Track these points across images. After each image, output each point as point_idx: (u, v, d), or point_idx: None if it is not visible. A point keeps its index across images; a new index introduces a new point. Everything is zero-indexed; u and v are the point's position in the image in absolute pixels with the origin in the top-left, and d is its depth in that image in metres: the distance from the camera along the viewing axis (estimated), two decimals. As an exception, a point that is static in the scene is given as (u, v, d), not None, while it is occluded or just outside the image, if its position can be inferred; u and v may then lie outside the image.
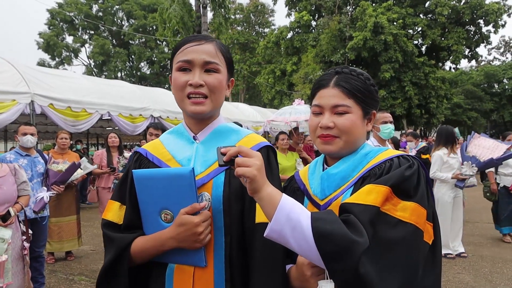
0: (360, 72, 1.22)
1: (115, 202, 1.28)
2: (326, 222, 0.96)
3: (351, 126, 1.17)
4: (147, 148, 1.32)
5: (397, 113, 21.47)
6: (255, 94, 35.42)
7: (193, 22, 16.53)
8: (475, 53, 25.92)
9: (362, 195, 1.04)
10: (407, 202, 1.04)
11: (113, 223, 1.24)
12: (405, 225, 1.02)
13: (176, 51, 1.24)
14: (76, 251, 5.74)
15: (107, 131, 8.40)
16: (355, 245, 0.93)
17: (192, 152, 1.25)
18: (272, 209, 0.99)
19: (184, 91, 1.20)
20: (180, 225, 1.12)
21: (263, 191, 1.01)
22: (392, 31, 20.72)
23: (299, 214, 0.98)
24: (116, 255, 1.17)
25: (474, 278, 4.65)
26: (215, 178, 1.19)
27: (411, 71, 22.10)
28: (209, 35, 1.23)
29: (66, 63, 32.96)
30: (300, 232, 0.96)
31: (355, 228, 0.96)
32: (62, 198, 5.18)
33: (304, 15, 24.35)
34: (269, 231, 0.99)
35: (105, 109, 7.62)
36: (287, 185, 1.40)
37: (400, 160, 1.13)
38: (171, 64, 1.27)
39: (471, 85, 32.59)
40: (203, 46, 1.20)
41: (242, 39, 33.63)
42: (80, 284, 4.56)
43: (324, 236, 0.94)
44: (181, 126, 1.33)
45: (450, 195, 5.44)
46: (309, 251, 0.97)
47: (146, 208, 1.19)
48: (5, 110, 5.88)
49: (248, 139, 1.28)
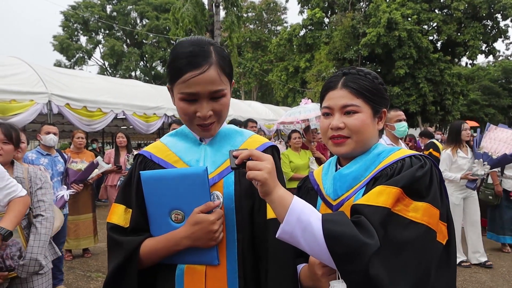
0: (367, 72, 1.22)
1: (120, 205, 1.26)
2: (336, 224, 0.97)
3: (361, 125, 1.17)
4: (150, 150, 1.31)
5: (411, 110, 21.17)
6: (267, 92, 35.39)
7: (205, 21, 16.60)
8: (493, 48, 25.35)
9: (373, 196, 1.05)
10: (418, 203, 1.04)
11: (120, 227, 1.22)
12: (417, 225, 1.02)
13: (175, 77, 1.16)
14: (92, 248, 5.86)
15: (122, 130, 8.52)
16: (365, 247, 0.94)
17: (200, 153, 1.27)
18: (283, 211, 1.01)
19: (192, 120, 1.19)
20: (195, 224, 1.13)
21: (274, 193, 1.03)
22: (406, 27, 20.42)
23: (310, 215, 1.00)
24: (125, 259, 1.15)
25: (491, 278, 4.57)
26: (225, 178, 1.22)
27: (426, 67, 21.75)
28: (204, 42, 1.18)
29: (80, 64, 33.52)
30: (311, 234, 0.98)
31: (366, 230, 0.97)
32: (79, 196, 5.28)
33: (316, 12, 24.20)
34: (281, 232, 1.02)
35: (120, 108, 7.73)
36: (301, 185, 1.41)
37: (412, 160, 1.13)
38: (171, 83, 1.20)
39: (488, 81, 31.93)
40: (206, 74, 1.13)
41: (254, 37, 33.61)
42: (97, 281, 4.65)
43: (334, 237, 0.95)
44: (185, 128, 1.32)
45: (458, 196, 4.91)
46: (320, 252, 0.98)
47: (154, 209, 1.19)
48: (24, 110, 6.02)
49: (252, 139, 1.32)
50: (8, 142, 2.43)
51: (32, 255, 2.26)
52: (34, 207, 2.44)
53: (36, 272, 2.31)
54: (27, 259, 2.24)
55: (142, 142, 22.04)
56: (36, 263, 2.27)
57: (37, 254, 2.28)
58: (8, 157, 2.46)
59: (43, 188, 2.51)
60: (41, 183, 2.51)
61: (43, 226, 2.38)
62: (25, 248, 2.30)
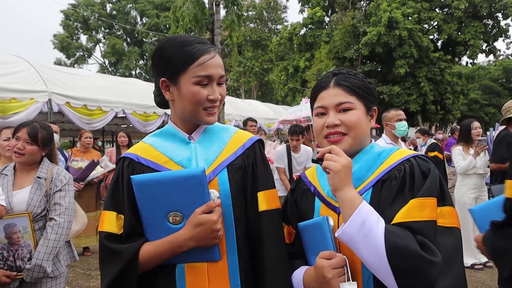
0: (356, 72, 1.25)
1: (110, 212, 1.22)
2: (400, 237, 0.98)
3: (357, 121, 1.18)
4: (136, 152, 1.28)
5: (411, 109, 21.18)
6: (267, 91, 35.39)
7: (206, 19, 16.59)
8: (493, 48, 25.35)
9: (415, 211, 1.04)
10: (443, 207, 1.07)
11: (113, 234, 1.19)
12: (451, 230, 1.06)
13: (189, 60, 1.18)
14: (93, 247, 5.86)
15: (122, 129, 8.54)
16: (431, 266, 0.96)
17: (190, 152, 1.26)
18: (350, 212, 1.03)
19: (203, 104, 1.21)
20: (198, 225, 1.13)
21: (345, 192, 1.06)
22: (407, 26, 20.42)
23: (374, 223, 1.00)
24: (124, 268, 1.13)
25: (491, 277, 4.57)
26: (219, 175, 1.23)
27: (426, 66, 21.76)
28: (205, 39, 1.24)
29: (80, 63, 33.52)
30: (372, 242, 0.98)
31: (428, 248, 0.98)
32: (82, 195, 5.29)
33: (317, 11, 24.18)
34: (342, 233, 1.03)
35: (120, 107, 7.73)
36: (294, 188, 1.37)
37: (418, 162, 1.13)
38: (179, 72, 1.19)
39: (489, 80, 31.93)
40: (216, 59, 1.21)
41: (254, 36, 33.59)
42: (97, 279, 4.66)
43: (397, 250, 0.96)
44: (170, 128, 1.31)
45: (470, 196, 4.83)
46: (377, 262, 0.98)
47: (149, 213, 1.17)
48: (24, 108, 6.03)
49: (239, 134, 1.35)
50: (31, 142, 2.33)
51: (37, 261, 2.18)
52: (50, 210, 2.33)
53: (41, 278, 2.24)
54: (32, 264, 2.18)
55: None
56: (41, 269, 2.19)
57: (42, 260, 2.19)
58: (32, 157, 2.36)
59: (63, 190, 2.37)
60: (61, 185, 2.37)
61: (54, 232, 2.26)
62: (34, 251, 2.23)
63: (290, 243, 1.28)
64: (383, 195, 1.11)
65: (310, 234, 1.18)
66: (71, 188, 2.46)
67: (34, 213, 2.28)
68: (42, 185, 2.34)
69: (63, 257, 2.43)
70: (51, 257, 2.25)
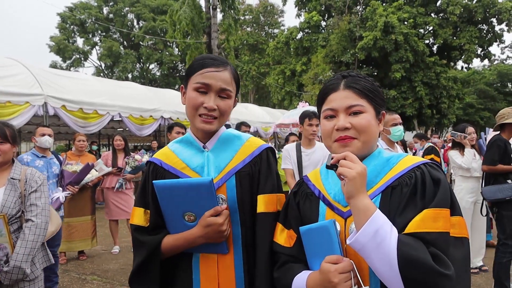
0: (365, 75, 1.24)
1: (139, 208, 1.44)
2: (413, 248, 0.97)
3: (368, 125, 1.16)
4: (160, 158, 1.48)
5: (407, 113, 21.27)
6: (264, 94, 35.41)
7: (203, 23, 16.61)
8: (488, 52, 25.49)
9: (429, 221, 1.03)
10: (452, 217, 1.06)
11: (141, 227, 1.42)
12: (461, 240, 1.06)
13: (195, 70, 1.37)
14: (88, 251, 5.82)
15: (119, 133, 8.52)
16: (443, 279, 0.95)
17: (203, 160, 1.43)
18: (363, 220, 1.02)
19: (198, 110, 1.36)
20: (207, 226, 1.31)
21: (360, 199, 1.04)
22: (402, 31, 20.53)
23: (388, 232, 0.99)
24: (148, 255, 1.35)
25: (486, 281, 4.59)
26: (227, 182, 1.39)
27: (422, 71, 21.87)
28: (225, 59, 1.41)
29: (76, 66, 33.41)
30: (385, 252, 0.97)
31: (441, 260, 0.97)
32: (77, 199, 5.26)
33: (313, 15, 24.26)
34: (354, 241, 1.02)
35: (116, 110, 7.73)
36: (297, 190, 1.33)
37: (429, 170, 1.12)
38: (187, 79, 1.40)
39: (484, 85, 32.11)
40: (221, 73, 1.36)
41: (251, 40, 33.65)
42: (92, 284, 4.63)
43: (409, 262, 0.95)
44: (189, 136, 1.48)
45: (469, 200, 4.84)
46: (388, 272, 0.98)
47: (169, 212, 1.37)
48: (20, 112, 6.00)
49: (250, 142, 1.47)
50: (3, 141, 2.32)
51: (16, 263, 2.16)
52: (26, 211, 2.31)
53: (20, 280, 2.22)
54: (10, 266, 2.15)
55: (138, 144, 21.95)
56: (20, 271, 2.17)
57: (21, 262, 2.17)
58: (7, 156, 2.35)
59: (38, 191, 2.38)
60: (36, 186, 2.38)
61: (32, 233, 2.25)
62: (11, 253, 2.20)
63: (290, 247, 1.27)
64: (394, 202, 1.09)
65: (315, 238, 1.17)
66: (46, 189, 2.45)
67: (9, 214, 2.24)
68: (16, 186, 2.32)
69: (38, 260, 2.40)
70: (30, 258, 2.24)
